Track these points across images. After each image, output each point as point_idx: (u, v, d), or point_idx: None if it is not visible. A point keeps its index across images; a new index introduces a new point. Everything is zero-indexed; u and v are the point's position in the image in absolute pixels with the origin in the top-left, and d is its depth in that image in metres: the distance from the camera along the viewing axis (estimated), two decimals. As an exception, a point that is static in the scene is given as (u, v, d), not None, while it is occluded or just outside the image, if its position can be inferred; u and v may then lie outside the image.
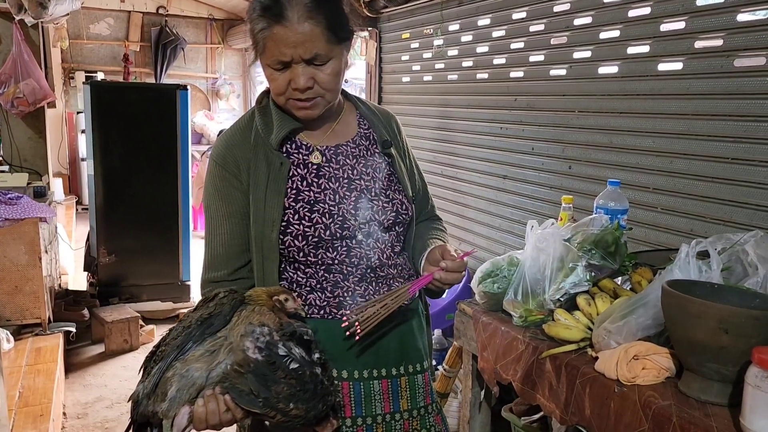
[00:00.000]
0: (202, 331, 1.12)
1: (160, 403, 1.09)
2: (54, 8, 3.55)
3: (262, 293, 1.20)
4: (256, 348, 1.08)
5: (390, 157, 1.41)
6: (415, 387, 1.39)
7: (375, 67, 4.51)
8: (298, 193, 1.30)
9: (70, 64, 7.73)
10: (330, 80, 1.25)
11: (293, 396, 1.07)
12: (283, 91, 1.26)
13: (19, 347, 3.25)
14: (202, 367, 1.09)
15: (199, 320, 1.14)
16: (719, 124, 2.09)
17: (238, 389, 1.06)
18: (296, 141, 1.35)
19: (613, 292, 1.65)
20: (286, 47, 1.20)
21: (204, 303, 1.19)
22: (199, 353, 1.10)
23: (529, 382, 1.65)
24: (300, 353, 1.11)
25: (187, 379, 1.08)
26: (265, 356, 1.08)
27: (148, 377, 1.13)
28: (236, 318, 1.14)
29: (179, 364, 1.10)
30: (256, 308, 1.16)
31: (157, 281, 4.53)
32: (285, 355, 1.09)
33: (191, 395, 1.08)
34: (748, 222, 2.00)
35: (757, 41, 1.96)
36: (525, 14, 3.02)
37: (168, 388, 1.09)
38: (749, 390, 1.13)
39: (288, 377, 1.07)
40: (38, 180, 4.17)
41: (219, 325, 1.13)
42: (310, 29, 1.19)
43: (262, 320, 1.13)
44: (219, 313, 1.14)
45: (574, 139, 2.73)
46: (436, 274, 1.28)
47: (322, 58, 1.22)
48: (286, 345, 1.10)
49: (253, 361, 1.07)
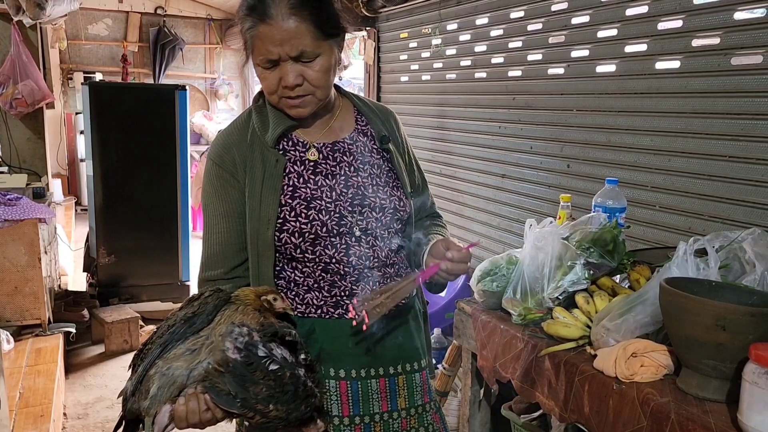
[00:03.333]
0: (185, 330, 1.12)
1: (143, 400, 1.09)
2: (52, 9, 3.55)
3: (249, 293, 1.20)
4: (236, 348, 1.08)
5: (388, 152, 1.40)
6: (412, 386, 1.39)
7: (373, 66, 4.51)
8: (295, 189, 1.30)
9: (68, 65, 7.71)
10: (319, 77, 1.25)
11: (272, 397, 1.06)
12: (275, 89, 1.26)
13: (19, 348, 3.25)
14: (183, 366, 1.09)
15: (183, 318, 1.14)
16: (717, 122, 2.10)
17: (217, 389, 1.06)
18: (293, 138, 1.35)
19: (611, 290, 1.66)
20: (272, 45, 1.20)
21: (189, 302, 1.19)
22: (180, 352, 1.10)
23: (528, 380, 1.65)
24: (282, 354, 1.10)
25: (168, 377, 1.08)
26: (244, 357, 1.07)
27: (135, 375, 1.14)
28: (219, 317, 1.14)
29: (161, 362, 1.10)
30: (240, 308, 1.16)
31: (156, 281, 4.53)
32: (264, 356, 1.08)
33: (172, 393, 1.08)
34: (745, 219, 2.00)
35: (754, 39, 1.96)
36: (523, 13, 3.03)
37: (150, 385, 1.09)
38: (746, 386, 1.14)
39: (266, 378, 1.07)
40: (37, 181, 4.17)
41: (202, 323, 1.13)
42: (296, 26, 1.19)
43: (243, 320, 1.13)
44: (202, 312, 1.14)
45: (572, 137, 2.74)
46: (443, 264, 1.27)
47: (309, 54, 1.22)
48: (266, 346, 1.10)
49: (232, 361, 1.07)
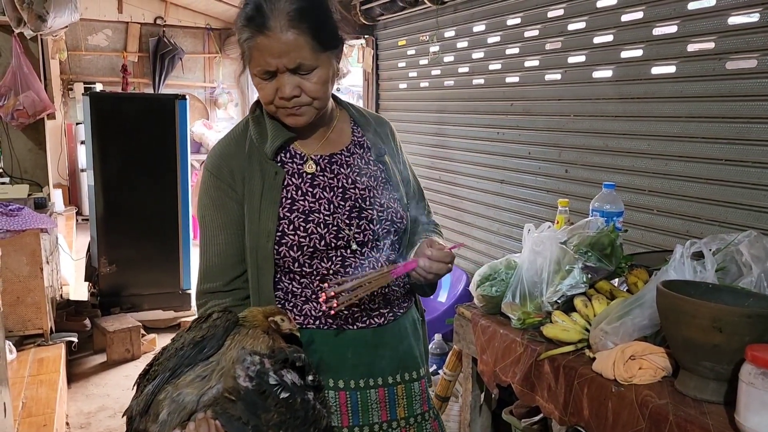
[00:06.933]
0: (194, 355, 1.12)
1: (152, 424, 1.09)
2: (53, 21, 3.56)
3: (258, 314, 1.19)
4: (247, 376, 1.08)
5: (384, 164, 1.40)
6: (411, 395, 1.39)
7: (372, 74, 4.53)
8: (293, 202, 1.30)
9: (68, 76, 7.74)
10: (317, 89, 1.24)
11: (283, 423, 1.07)
12: (271, 99, 1.25)
13: (21, 358, 3.26)
14: (193, 392, 1.08)
15: (192, 342, 1.13)
16: (713, 126, 2.12)
17: (228, 414, 1.06)
18: (290, 150, 1.34)
19: (609, 294, 1.67)
20: (270, 57, 1.19)
21: (197, 323, 1.18)
22: (190, 378, 1.10)
23: (528, 384, 1.66)
24: (292, 379, 1.11)
25: (178, 403, 1.08)
26: (256, 385, 1.08)
27: (142, 395, 1.13)
28: (230, 341, 1.13)
29: (171, 387, 1.10)
30: (250, 331, 1.16)
31: (158, 290, 4.53)
32: (276, 383, 1.09)
33: (182, 419, 1.08)
34: (742, 222, 2.02)
35: (748, 44, 1.98)
36: (519, 20, 3.05)
37: (159, 410, 1.09)
38: (743, 387, 1.15)
39: (278, 405, 1.08)
40: (39, 191, 4.18)
41: (212, 349, 1.13)
42: (294, 38, 1.18)
43: (255, 345, 1.13)
44: (212, 336, 1.13)
45: (570, 142, 2.76)
46: (421, 261, 1.27)
47: (307, 67, 1.21)
48: (277, 373, 1.10)
49: (243, 389, 1.07)
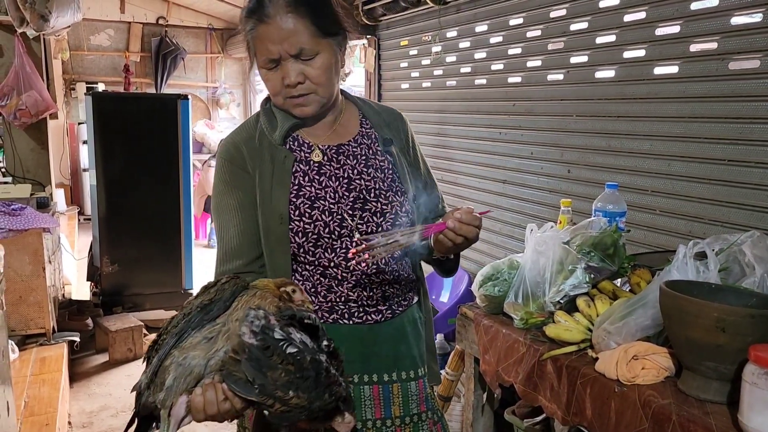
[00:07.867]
0: (201, 318, 1.07)
1: (158, 392, 1.04)
2: (55, 21, 3.57)
3: (269, 283, 1.15)
4: (251, 332, 1.00)
5: (392, 156, 1.40)
6: (407, 394, 1.39)
7: (374, 74, 4.53)
8: (300, 188, 1.32)
9: (71, 75, 7.76)
10: (320, 75, 1.27)
11: (292, 383, 0.99)
12: (279, 90, 1.29)
13: (23, 357, 3.26)
14: (200, 355, 1.03)
15: (199, 306, 1.09)
16: (715, 127, 2.11)
17: (235, 376, 0.99)
18: (299, 139, 1.37)
19: (612, 294, 1.67)
20: (271, 44, 1.24)
21: (205, 289, 1.14)
22: (196, 340, 1.05)
23: (530, 384, 1.66)
24: (301, 338, 1.04)
25: (185, 367, 1.03)
26: (260, 340, 1.00)
27: (150, 367, 1.08)
28: (237, 303, 1.09)
29: (177, 351, 1.04)
30: (258, 293, 1.11)
31: (159, 290, 4.55)
32: (281, 338, 1.01)
33: (189, 384, 1.02)
34: (745, 222, 2.01)
35: (750, 44, 1.98)
36: (522, 20, 3.05)
37: (166, 376, 1.03)
38: (746, 387, 1.15)
39: (285, 362, 0.99)
40: (41, 191, 4.19)
41: (218, 310, 1.08)
42: (293, 23, 1.23)
43: (263, 305, 1.07)
44: (219, 299, 1.09)
45: (572, 143, 2.75)
46: (450, 222, 1.21)
47: (308, 52, 1.25)
48: (284, 329, 1.03)
49: (248, 346, 0.99)
